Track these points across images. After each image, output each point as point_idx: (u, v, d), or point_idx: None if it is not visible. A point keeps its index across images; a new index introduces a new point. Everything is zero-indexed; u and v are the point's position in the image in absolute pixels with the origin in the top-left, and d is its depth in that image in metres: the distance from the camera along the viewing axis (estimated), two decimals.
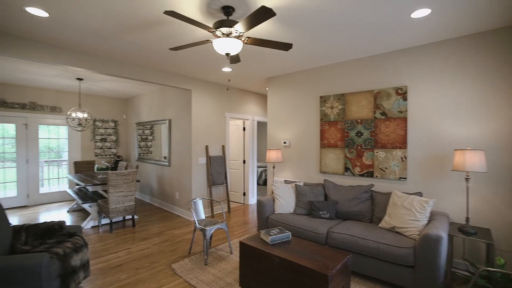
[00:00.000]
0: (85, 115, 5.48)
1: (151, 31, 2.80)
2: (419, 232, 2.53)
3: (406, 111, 3.19)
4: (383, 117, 3.36)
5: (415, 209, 2.63)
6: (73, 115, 5.34)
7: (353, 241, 2.68)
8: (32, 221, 4.77)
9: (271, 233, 2.56)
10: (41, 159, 6.01)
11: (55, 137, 6.25)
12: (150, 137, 6.16)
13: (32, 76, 4.83)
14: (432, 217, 2.73)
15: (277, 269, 2.23)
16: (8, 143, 5.60)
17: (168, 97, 5.49)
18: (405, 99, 3.20)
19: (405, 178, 3.19)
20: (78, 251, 2.42)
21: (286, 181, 4.13)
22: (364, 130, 3.53)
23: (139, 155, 6.56)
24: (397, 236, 2.60)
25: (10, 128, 5.60)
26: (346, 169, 3.70)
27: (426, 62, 3.08)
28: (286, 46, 2.47)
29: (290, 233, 2.60)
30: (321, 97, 4.01)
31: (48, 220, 3.63)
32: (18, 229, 2.49)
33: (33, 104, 5.80)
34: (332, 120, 3.87)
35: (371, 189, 3.33)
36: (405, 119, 3.20)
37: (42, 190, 6.04)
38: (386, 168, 3.34)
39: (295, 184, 3.72)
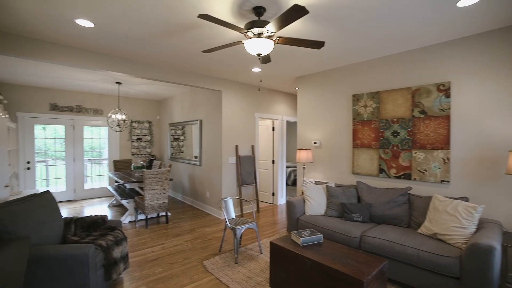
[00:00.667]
0: (123, 116, 5.84)
1: (184, 35, 2.90)
2: (465, 241, 2.32)
3: (449, 108, 2.96)
4: (422, 115, 3.15)
5: (460, 215, 2.42)
6: (113, 116, 5.72)
7: (390, 246, 2.54)
8: (78, 214, 5.20)
9: (302, 235, 2.52)
10: (85, 157, 6.53)
11: (97, 137, 6.75)
12: (181, 137, 6.39)
13: (78, 81, 5.26)
14: (481, 225, 2.50)
15: (308, 271, 2.19)
16: (58, 143, 6.17)
17: (199, 98, 5.66)
18: (447, 95, 2.97)
19: (448, 181, 2.96)
20: (119, 244, 2.58)
21: (316, 182, 4.04)
22: (400, 129, 3.34)
23: (172, 155, 6.84)
24: (440, 243, 2.42)
25: (60, 130, 6.16)
26: (381, 170, 3.53)
27: (472, 55, 2.82)
28: (318, 44, 2.42)
29: (321, 235, 2.54)
30: (353, 95, 3.86)
31: (92, 214, 3.92)
32: (68, 221, 2.73)
33: (79, 107, 6.32)
34: (365, 119, 3.71)
35: (408, 192, 3.14)
36: (447, 118, 2.96)
37: (86, 186, 6.56)
38: (426, 170, 3.12)
39: (326, 185, 3.63)
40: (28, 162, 5.71)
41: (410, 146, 3.25)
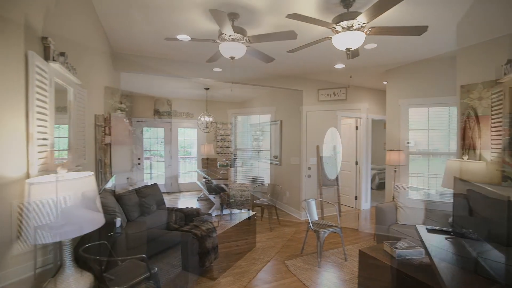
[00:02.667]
0: (210, 119, 6.43)
1: None
2: None
3: None
4: None
5: None
6: (202, 119, 6.36)
7: None
8: (174, 205, 5.99)
9: (398, 246, 2.24)
10: (179, 155, 7.48)
11: (188, 137, 7.66)
12: (261, 137, 6.61)
13: (173, 89, 6.06)
14: None
15: None
16: (159, 143, 7.27)
17: (278, 99, 5.73)
18: None
19: None
20: (210, 235, 2.83)
21: (411, 188, 3.55)
22: None
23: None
24: None
25: (160, 132, 7.25)
26: (505, 178, 2.83)
27: None
28: (419, 30, 2.10)
29: (423, 249, 2.20)
30: (462, 86, 3.22)
31: (188, 206, 4.44)
32: (170, 210, 3.15)
33: (175, 112, 7.29)
34: (480, 114, 3.05)
35: None
36: None
37: (180, 180, 7.51)
38: None
39: (424, 192, 3.14)
40: (139, 159, 6.90)
41: None
